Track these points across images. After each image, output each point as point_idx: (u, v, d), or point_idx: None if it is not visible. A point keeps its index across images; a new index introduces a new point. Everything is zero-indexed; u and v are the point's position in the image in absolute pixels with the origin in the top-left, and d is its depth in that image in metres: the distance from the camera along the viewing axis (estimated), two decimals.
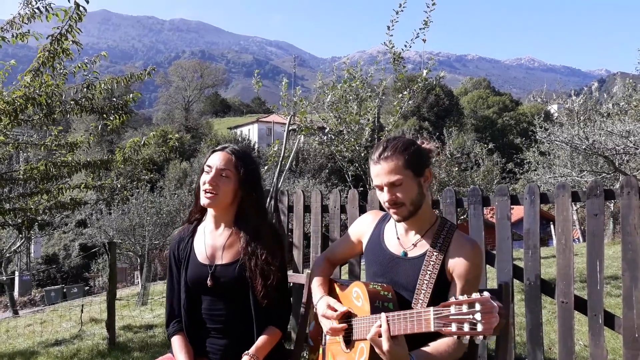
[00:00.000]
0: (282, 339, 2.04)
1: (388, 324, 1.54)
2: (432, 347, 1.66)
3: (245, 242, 1.93)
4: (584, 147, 10.71)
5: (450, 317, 1.35)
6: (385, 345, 1.53)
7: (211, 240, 2.00)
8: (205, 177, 1.92)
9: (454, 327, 1.34)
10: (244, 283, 1.91)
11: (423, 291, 1.74)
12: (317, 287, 1.98)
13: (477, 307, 1.30)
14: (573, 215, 3.10)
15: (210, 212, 2.01)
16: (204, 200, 1.92)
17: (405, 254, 1.84)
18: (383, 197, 1.78)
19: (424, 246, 1.82)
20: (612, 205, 17.11)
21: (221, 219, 2.00)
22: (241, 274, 1.91)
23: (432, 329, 1.41)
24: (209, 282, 1.92)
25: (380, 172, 1.75)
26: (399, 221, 1.82)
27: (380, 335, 1.55)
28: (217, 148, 1.99)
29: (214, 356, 1.95)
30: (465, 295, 1.35)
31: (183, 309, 1.98)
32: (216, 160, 1.93)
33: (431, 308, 1.43)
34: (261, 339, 1.92)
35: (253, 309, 1.92)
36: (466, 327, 1.31)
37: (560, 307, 3.10)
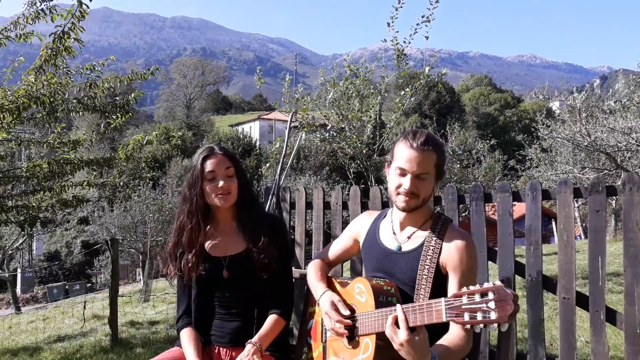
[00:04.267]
0: (286, 328, 2.09)
1: (405, 315, 1.52)
2: (448, 340, 1.65)
3: (248, 231, 2.06)
4: (585, 144, 10.71)
5: (463, 307, 1.35)
6: (403, 335, 1.49)
7: (221, 236, 2.11)
8: (215, 183, 2.01)
9: (466, 317, 1.34)
10: (252, 269, 2.02)
11: (423, 285, 1.75)
12: (317, 282, 2.00)
13: (490, 295, 1.30)
14: (575, 212, 3.08)
15: (215, 212, 2.11)
16: (221, 202, 2.02)
17: (400, 248, 1.85)
18: (404, 182, 1.75)
19: (418, 239, 1.83)
20: (613, 202, 17.09)
21: (227, 215, 2.11)
22: (250, 261, 2.02)
23: (444, 320, 1.41)
24: (224, 274, 2.03)
25: (414, 159, 1.73)
26: (403, 210, 1.82)
27: (398, 326, 1.52)
28: (205, 154, 2.06)
29: (223, 339, 2.04)
30: (478, 285, 1.35)
31: (194, 302, 2.08)
32: (215, 164, 2.03)
33: (442, 299, 1.43)
34: (264, 328, 1.99)
35: (258, 293, 2.03)
36: (479, 316, 1.31)
37: (561, 303, 3.11)
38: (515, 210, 3.36)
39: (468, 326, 1.35)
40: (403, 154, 1.75)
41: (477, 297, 1.33)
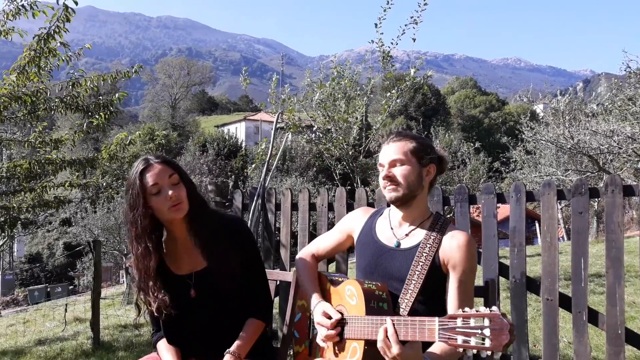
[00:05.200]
0: (267, 329, 2.03)
1: (395, 328, 1.52)
2: (440, 348, 1.64)
3: (206, 244, 1.89)
4: (569, 146, 10.85)
5: (457, 329, 1.34)
6: (395, 350, 1.50)
7: (182, 252, 1.94)
8: (162, 196, 1.81)
9: (459, 340, 1.33)
10: (220, 283, 1.90)
11: (414, 281, 1.74)
12: (311, 287, 1.94)
13: (486, 322, 1.29)
14: (558, 214, 3.10)
15: (170, 228, 1.93)
16: (175, 214, 1.83)
17: (399, 244, 1.84)
18: (382, 174, 1.83)
19: (417, 237, 1.83)
20: (595, 204, 17.33)
21: (182, 228, 1.92)
22: (216, 275, 1.90)
23: (436, 340, 1.40)
24: (192, 293, 1.90)
25: (387, 150, 1.85)
26: (391, 200, 1.83)
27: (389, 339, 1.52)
28: (142, 167, 1.83)
29: (202, 353, 1.95)
30: (474, 310, 1.34)
31: (163, 325, 1.95)
32: (156, 176, 1.81)
33: (436, 318, 1.42)
34: (242, 335, 1.90)
35: (232, 304, 1.92)
36: (473, 342, 1.30)
37: (545, 304, 3.13)
38: (500, 212, 3.38)
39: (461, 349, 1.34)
40: (380, 153, 1.89)
41: (472, 322, 1.32)
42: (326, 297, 1.92)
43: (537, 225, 19.89)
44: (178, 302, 1.89)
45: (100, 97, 5.36)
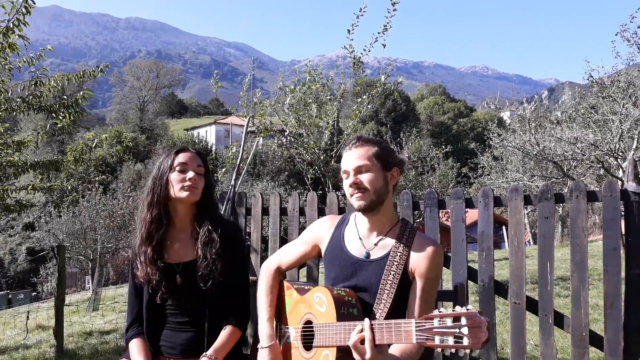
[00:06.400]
0: (241, 338, 2.03)
1: (373, 333, 1.50)
2: (399, 350, 1.65)
3: (205, 236, 1.97)
4: (534, 152, 11.12)
5: (434, 330, 1.34)
6: (368, 354, 1.49)
7: (176, 241, 2.02)
8: (184, 175, 1.96)
9: (437, 341, 1.32)
10: (206, 278, 1.94)
11: (386, 291, 1.73)
12: (264, 316, 1.91)
13: (464, 321, 1.29)
14: (524, 219, 3.18)
15: (173, 215, 2.02)
16: (186, 194, 1.94)
17: (368, 255, 1.83)
18: (348, 181, 1.81)
19: (386, 247, 1.81)
20: (560, 209, 17.78)
21: (185, 216, 2.02)
22: (204, 269, 1.94)
23: (413, 342, 1.39)
24: (178, 280, 1.95)
25: (350, 157, 1.82)
26: (359, 208, 1.80)
27: (362, 342, 1.51)
28: (180, 148, 2.05)
29: (174, 350, 1.97)
30: (450, 309, 1.34)
31: (145, 309, 1.99)
32: (188, 158, 2.00)
33: (413, 320, 1.41)
34: (220, 340, 1.93)
35: (212, 302, 1.96)
36: (451, 341, 1.30)
37: (512, 308, 3.18)
38: (468, 217, 3.43)
39: (439, 349, 1.34)
40: (343, 160, 1.87)
41: (448, 322, 1.32)
42: (288, 309, 1.91)
43: (504, 229, 20.31)
44: (162, 287, 1.94)
45: (65, 97, 5.21)
